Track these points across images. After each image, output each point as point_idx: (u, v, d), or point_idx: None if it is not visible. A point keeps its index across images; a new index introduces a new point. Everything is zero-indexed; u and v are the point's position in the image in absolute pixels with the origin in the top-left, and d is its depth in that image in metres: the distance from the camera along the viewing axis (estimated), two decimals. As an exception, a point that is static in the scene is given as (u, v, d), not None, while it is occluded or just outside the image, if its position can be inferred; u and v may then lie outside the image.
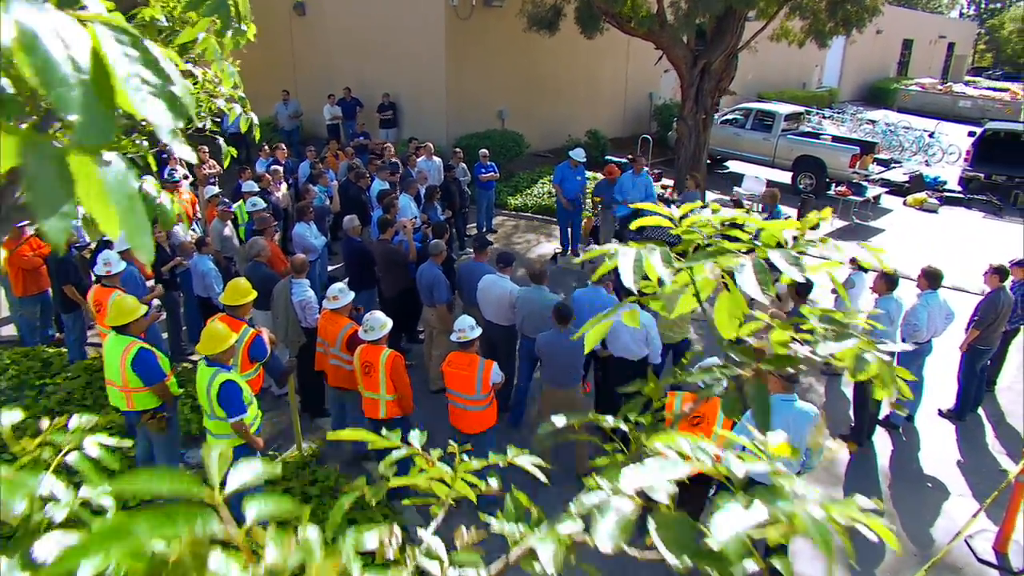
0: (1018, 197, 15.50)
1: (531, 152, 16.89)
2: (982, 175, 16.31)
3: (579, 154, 10.62)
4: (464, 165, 12.28)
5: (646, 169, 10.63)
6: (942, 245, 13.09)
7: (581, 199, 10.99)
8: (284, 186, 10.98)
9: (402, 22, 15.55)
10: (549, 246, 12.19)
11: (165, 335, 8.18)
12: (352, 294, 6.02)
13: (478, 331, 5.41)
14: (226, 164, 4.06)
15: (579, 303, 6.58)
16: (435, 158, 12.32)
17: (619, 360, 6.15)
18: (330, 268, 10.67)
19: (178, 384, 5.36)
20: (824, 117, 22.42)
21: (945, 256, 12.44)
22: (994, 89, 32.07)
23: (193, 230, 9.51)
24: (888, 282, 6.38)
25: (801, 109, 18.08)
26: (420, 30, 15.25)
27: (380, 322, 5.49)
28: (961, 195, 16.07)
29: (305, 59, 18.73)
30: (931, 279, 6.58)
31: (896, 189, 15.88)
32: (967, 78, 40.74)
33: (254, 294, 5.52)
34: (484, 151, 12.31)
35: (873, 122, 23.35)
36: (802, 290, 6.33)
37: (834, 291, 7.71)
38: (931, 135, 20.75)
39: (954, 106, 28.34)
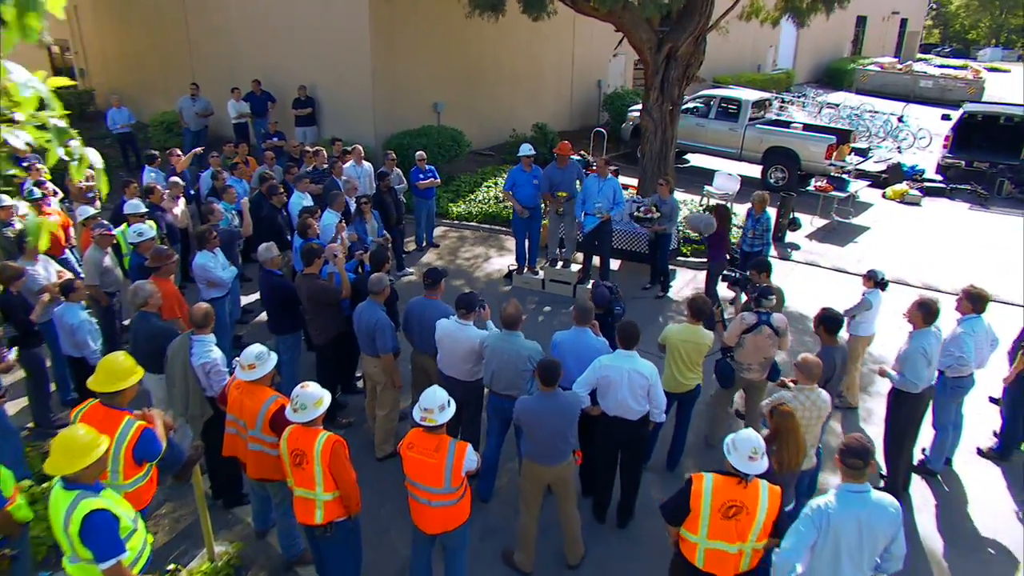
0: (1003, 185, 15.42)
1: (472, 151, 16.26)
2: (963, 162, 16.19)
3: (527, 149, 9.85)
4: (399, 171, 11.40)
5: (611, 175, 9.81)
6: (934, 243, 12.81)
7: (540, 205, 10.10)
8: (182, 202, 9.77)
9: (319, 1, 14.62)
10: (502, 261, 11.48)
11: (24, 402, 6.94)
12: (274, 358, 4.97)
13: (451, 412, 4.46)
14: (103, 189, 3.04)
15: (561, 350, 5.74)
16: (365, 163, 11.33)
17: (612, 420, 5.30)
18: (244, 301, 9.53)
19: (29, 504, 4.21)
20: (785, 102, 22.08)
21: (943, 256, 12.12)
22: (953, 68, 32.72)
23: (63, 260, 8.20)
24: (925, 313, 5.70)
25: (768, 95, 17.80)
26: (341, 12, 14.41)
27: (314, 398, 4.48)
28: (942, 185, 15.89)
29: (203, 47, 17.44)
30: (976, 302, 5.97)
31: (873, 181, 15.58)
32: (918, 55, 41.76)
33: (137, 375, 4.40)
34: (421, 153, 11.46)
35: (835, 106, 23.34)
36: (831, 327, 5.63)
37: (850, 315, 7.07)
38: (900, 119, 20.77)
39: (915, 86, 28.75)
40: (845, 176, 14.39)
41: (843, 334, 6.25)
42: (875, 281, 7.04)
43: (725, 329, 6.83)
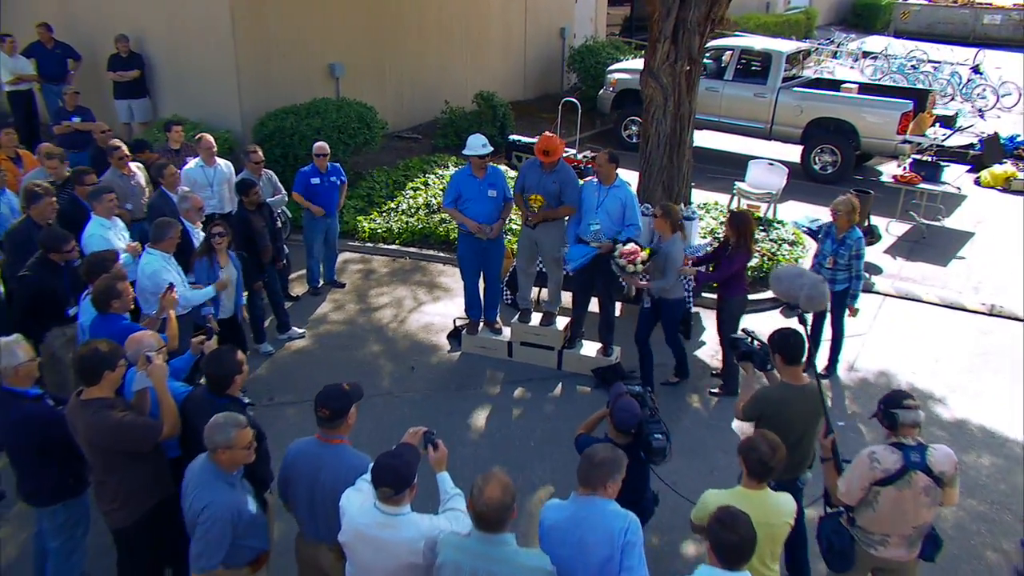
0: None
1: (389, 134, 15.40)
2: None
3: (478, 144, 8.28)
4: (272, 174, 9.88)
5: (623, 177, 8.30)
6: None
7: (501, 224, 8.63)
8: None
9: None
10: (443, 309, 10.01)
11: None
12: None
13: None
14: None
15: (556, 539, 4.01)
16: (221, 162, 9.66)
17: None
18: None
19: None
20: (827, 54, 21.23)
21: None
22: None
23: None
24: None
25: (805, 45, 17.08)
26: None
27: None
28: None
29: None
30: None
31: (958, 160, 14.46)
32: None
33: None
34: (322, 145, 9.97)
35: (874, 56, 22.65)
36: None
37: None
38: (975, 69, 19.92)
39: (976, 24, 28.05)
40: (932, 159, 13.07)
41: None
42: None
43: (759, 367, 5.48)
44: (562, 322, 8.78)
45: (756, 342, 5.51)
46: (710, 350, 8.99)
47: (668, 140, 10.61)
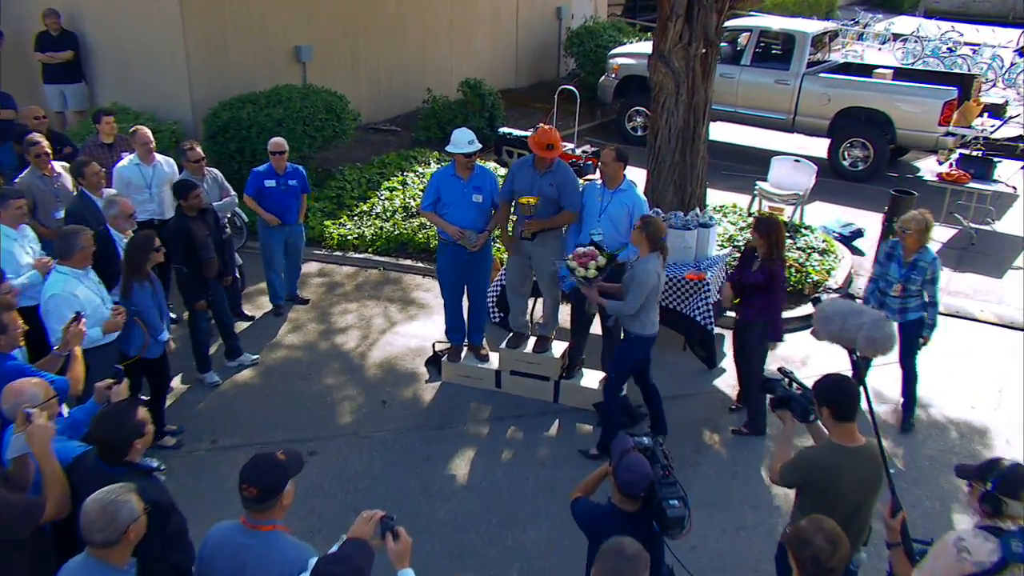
0: None
1: (363, 126, 15.35)
2: None
3: (464, 140, 7.89)
4: (217, 173, 9.44)
5: (629, 179, 7.88)
6: None
7: (488, 232, 8.24)
8: None
9: None
10: (421, 330, 9.61)
11: None
12: None
13: None
14: None
15: None
16: (160, 159, 9.12)
17: None
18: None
19: None
20: (851, 36, 21.26)
21: None
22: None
23: None
24: None
25: (832, 25, 17.16)
26: None
27: None
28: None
29: None
30: None
31: (1005, 152, 14.04)
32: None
33: None
34: (278, 141, 9.46)
35: (904, 38, 22.51)
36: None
37: None
38: (1020, 52, 20.01)
39: (1016, 3, 28.15)
40: (982, 153, 12.77)
41: None
42: None
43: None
44: (559, 347, 8.32)
45: (795, 385, 4.90)
46: (730, 379, 8.44)
47: (680, 133, 10.44)
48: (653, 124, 10.57)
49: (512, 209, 7.95)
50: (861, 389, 4.59)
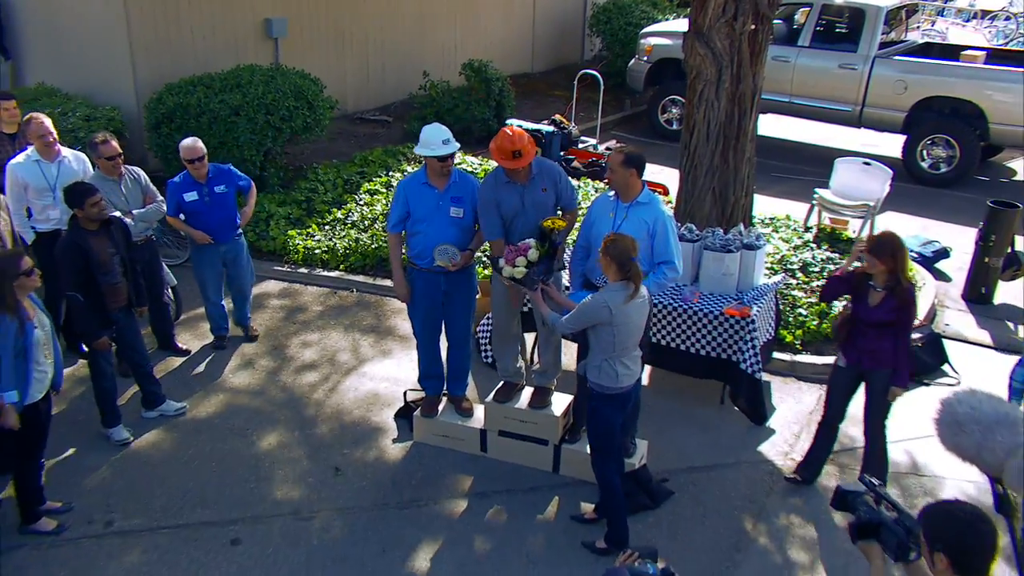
0: None
1: (349, 115, 15.61)
2: None
3: (436, 139, 7.23)
4: (141, 174, 8.80)
5: (651, 188, 7.27)
6: None
7: (471, 255, 7.68)
8: None
9: None
10: (393, 369, 9.04)
11: None
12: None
13: None
14: None
15: None
16: (67, 153, 8.60)
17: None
18: None
19: None
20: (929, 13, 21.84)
21: None
22: None
23: None
24: None
25: None
26: None
27: None
28: None
29: None
30: None
31: None
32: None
33: None
34: (189, 144, 8.82)
35: (992, 16, 22.63)
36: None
37: None
38: None
39: None
40: None
41: None
42: None
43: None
44: (562, 402, 7.54)
45: (886, 505, 3.79)
46: (782, 442, 7.66)
47: (721, 129, 10.08)
48: (688, 118, 10.19)
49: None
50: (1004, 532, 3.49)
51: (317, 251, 10.98)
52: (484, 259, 9.22)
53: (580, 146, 13.63)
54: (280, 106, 12.02)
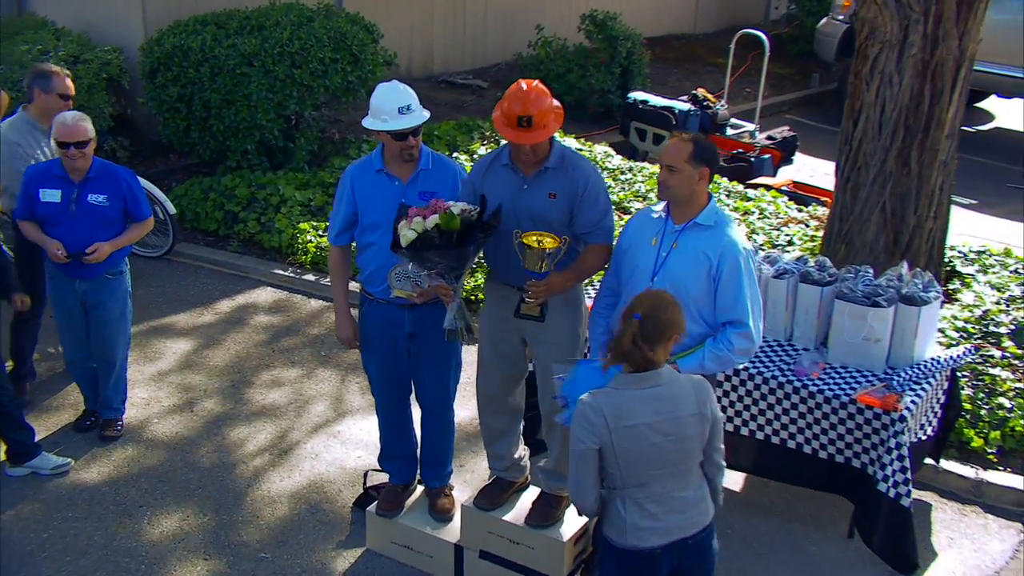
0: None
1: (435, 78, 16.13)
2: None
3: (391, 106, 6.48)
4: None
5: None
6: None
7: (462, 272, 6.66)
8: None
9: None
10: (370, 433, 8.23)
11: None
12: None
13: None
14: None
15: None
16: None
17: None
18: None
19: None
20: None
21: None
22: None
23: None
24: None
25: None
26: None
27: None
28: None
29: None
30: None
31: None
32: None
33: None
34: (69, 122, 8.04)
35: None
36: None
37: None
38: None
39: None
40: None
41: None
42: None
43: None
44: (575, 521, 6.45)
45: None
46: None
47: (902, 115, 9.23)
48: (853, 99, 9.45)
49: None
50: None
51: (328, 252, 10.20)
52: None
53: (729, 133, 12.67)
54: (311, 57, 11.62)
